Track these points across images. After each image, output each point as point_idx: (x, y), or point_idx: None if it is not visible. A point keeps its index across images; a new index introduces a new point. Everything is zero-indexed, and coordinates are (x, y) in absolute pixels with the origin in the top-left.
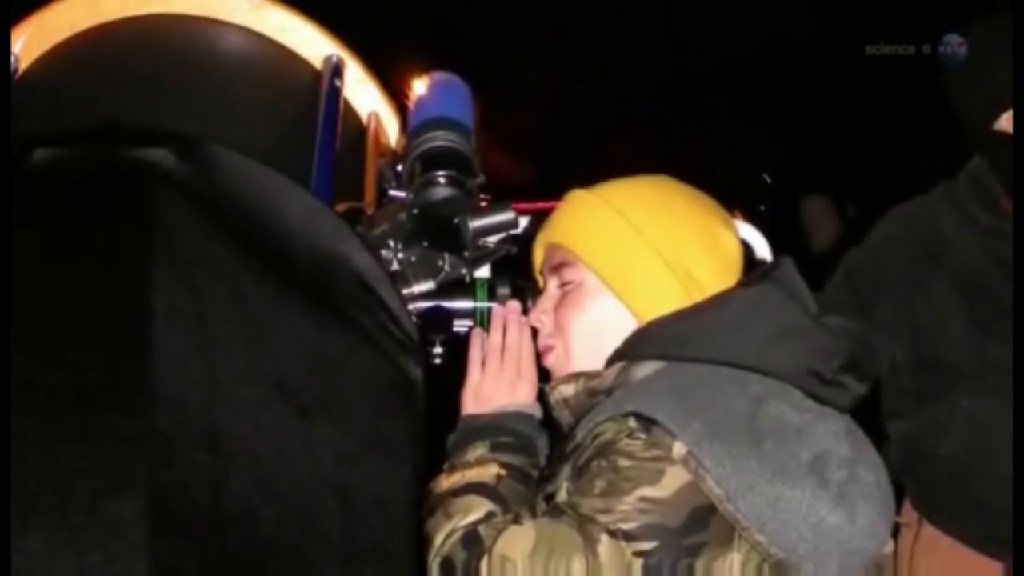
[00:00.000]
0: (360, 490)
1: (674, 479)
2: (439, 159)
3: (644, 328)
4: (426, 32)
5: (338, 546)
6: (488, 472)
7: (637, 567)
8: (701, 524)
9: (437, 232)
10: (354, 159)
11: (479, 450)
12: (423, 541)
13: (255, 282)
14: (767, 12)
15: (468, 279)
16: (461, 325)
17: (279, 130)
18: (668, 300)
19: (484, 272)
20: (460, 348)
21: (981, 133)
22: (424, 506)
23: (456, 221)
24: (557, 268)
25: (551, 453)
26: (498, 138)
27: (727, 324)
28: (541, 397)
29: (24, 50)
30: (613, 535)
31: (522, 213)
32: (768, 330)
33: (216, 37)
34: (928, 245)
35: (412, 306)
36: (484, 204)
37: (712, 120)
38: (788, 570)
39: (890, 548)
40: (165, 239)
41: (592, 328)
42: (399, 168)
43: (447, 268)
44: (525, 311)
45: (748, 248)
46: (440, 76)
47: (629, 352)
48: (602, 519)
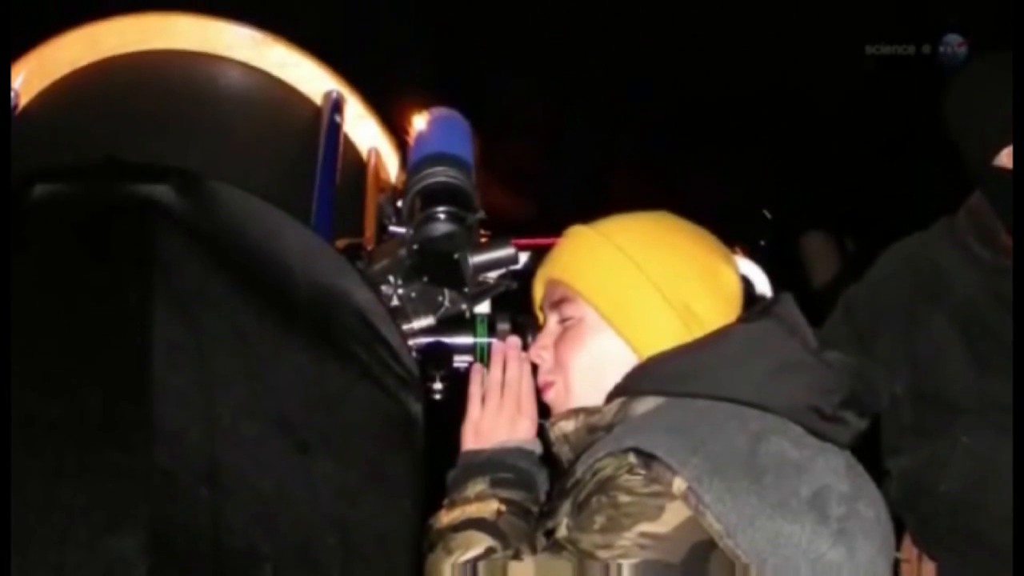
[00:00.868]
0: (360, 526)
1: (674, 515)
2: (439, 195)
3: (644, 364)
4: (426, 68)
5: None
6: (488, 508)
7: None
8: (701, 560)
9: (437, 268)
10: (354, 195)
11: (479, 486)
12: None
13: (255, 318)
14: (766, 48)
15: (468, 315)
16: (461, 361)
17: (279, 166)
18: (668, 336)
19: (484, 308)
20: (460, 384)
21: (981, 169)
22: (424, 542)
23: (456, 257)
24: (557, 304)
25: (551, 489)
26: (498, 173)
27: (727, 359)
28: (541, 433)
29: (24, 86)
30: (613, 571)
31: (522, 249)
32: (768, 366)
33: (217, 73)
34: (928, 281)
35: (412, 342)
36: (484, 240)
37: (712, 156)
38: None
39: None
40: (165, 275)
41: (592, 364)
42: (399, 204)
43: (447, 304)
44: (525, 347)
45: (748, 283)
46: (440, 112)
47: (629, 388)
48: (602, 555)
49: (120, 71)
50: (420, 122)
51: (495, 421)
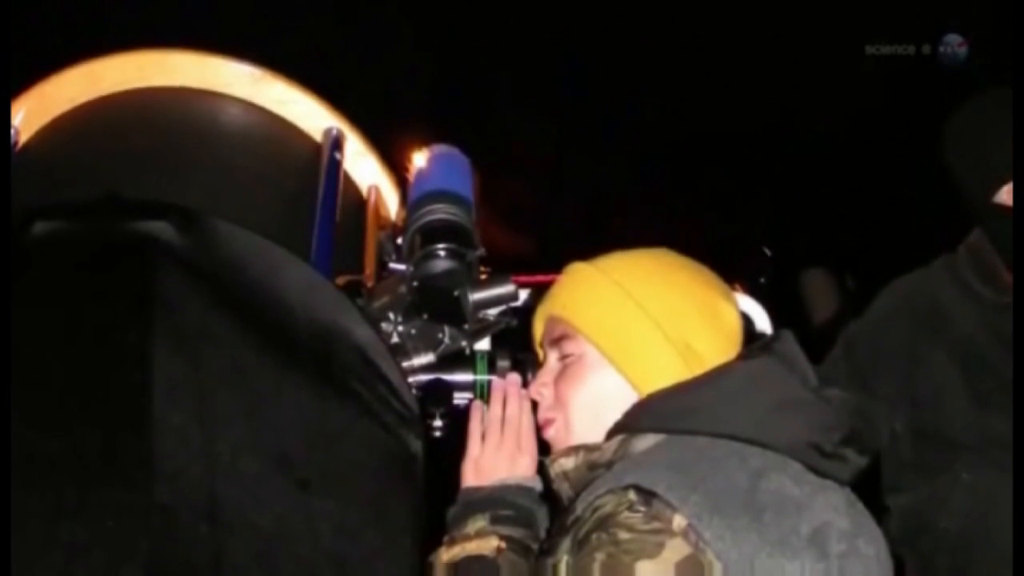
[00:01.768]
0: (360, 563)
1: (674, 552)
2: (439, 232)
3: (644, 401)
4: (426, 105)
5: None
6: (488, 545)
7: None
8: None
9: (437, 305)
10: (354, 232)
11: (479, 523)
12: None
13: (255, 355)
14: (766, 85)
15: (468, 352)
16: (461, 398)
17: (279, 203)
18: (668, 373)
19: (484, 345)
20: (460, 421)
21: (981, 206)
22: None
23: (456, 294)
24: (557, 341)
25: (551, 526)
26: (498, 210)
27: (727, 397)
28: (541, 470)
29: (24, 122)
30: None
31: (522, 286)
32: (768, 403)
33: (216, 110)
34: (928, 318)
35: (412, 379)
36: (484, 277)
37: (712, 192)
38: None
39: None
40: (165, 312)
41: (592, 401)
42: (399, 241)
43: (447, 341)
44: (525, 384)
45: (748, 321)
46: (440, 149)
47: (629, 425)
48: None
49: (120, 108)
50: (420, 159)
51: (495, 458)
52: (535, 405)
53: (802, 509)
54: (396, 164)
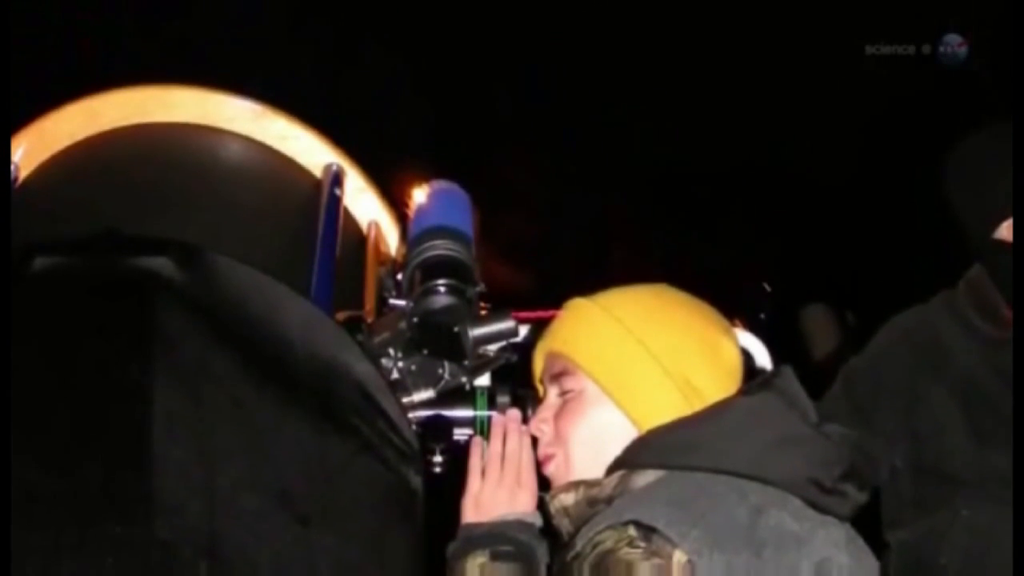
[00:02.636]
0: None
1: None
2: (439, 268)
3: (644, 436)
4: (426, 141)
5: None
6: None
7: None
8: None
9: (437, 341)
10: (354, 268)
11: (479, 559)
12: None
13: (255, 390)
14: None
15: (468, 387)
16: (461, 433)
17: (279, 239)
18: (668, 409)
19: (484, 380)
20: (460, 456)
21: (981, 241)
22: None
23: (456, 330)
24: (557, 376)
25: (551, 562)
26: (498, 246)
27: (727, 432)
28: (541, 506)
29: (24, 158)
30: None
31: (522, 321)
32: (768, 438)
33: (217, 146)
34: (928, 354)
35: (412, 414)
36: (484, 312)
37: (711, 228)
38: None
39: None
40: (165, 348)
41: (592, 436)
42: (399, 276)
43: (447, 376)
44: (525, 419)
45: (748, 356)
46: (440, 184)
47: (629, 460)
48: None
49: (120, 144)
50: (420, 195)
51: (495, 494)
52: (535, 441)
53: (802, 545)
54: (396, 200)
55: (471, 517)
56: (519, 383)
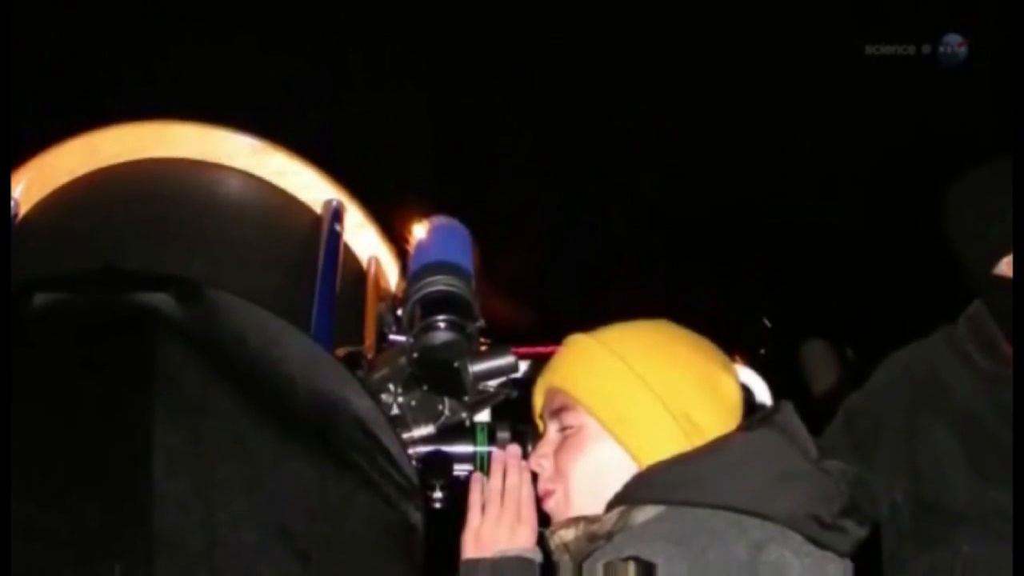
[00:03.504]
0: None
1: None
2: (439, 303)
3: (644, 472)
4: (426, 176)
5: None
6: None
7: None
8: None
9: (437, 376)
10: (354, 303)
11: None
12: None
13: (255, 426)
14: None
15: (468, 423)
16: (461, 469)
17: (279, 274)
18: (668, 444)
19: (484, 416)
20: (460, 492)
21: (981, 277)
22: None
23: (456, 365)
24: (557, 412)
25: None
26: (498, 282)
27: (727, 468)
28: (541, 541)
29: (24, 194)
30: None
31: (522, 357)
32: (768, 474)
33: (216, 181)
34: (927, 389)
35: (412, 450)
36: (484, 348)
37: (711, 263)
38: None
39: None
40: (165, 384)
41: (592, 472)
42: (399, 312)
43: (447, 412)
44: (525, 455)
45: (748, 392)
46: (440, 220)
47: (629, 496)
48: None
49: (120, 180)
50: (420, 231)
51: (495, 529)
52: (535, 476)
53: None
54: (396, 235)
55: (471, 553)
56: (519, 419)
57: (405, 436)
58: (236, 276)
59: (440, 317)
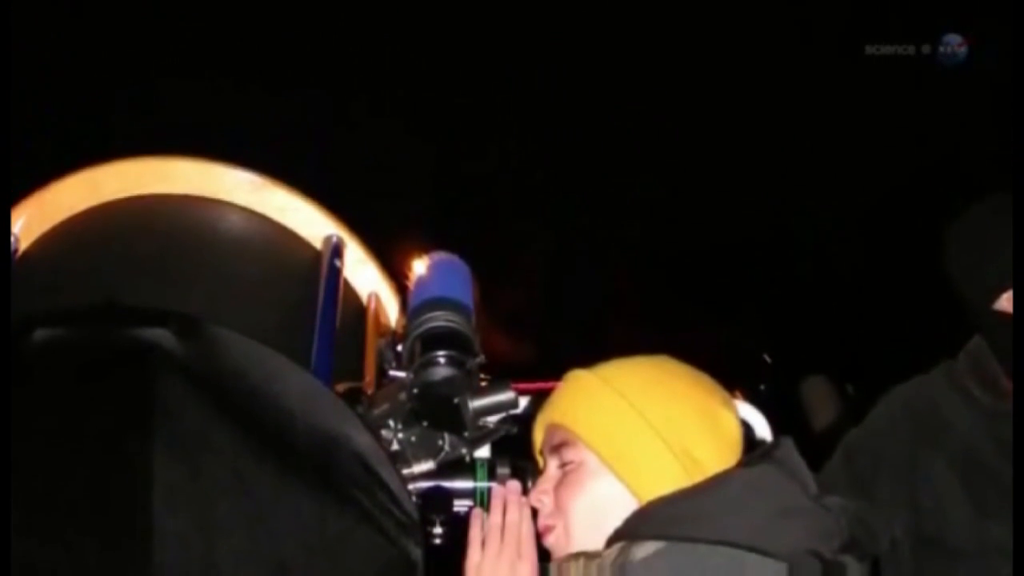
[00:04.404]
0: None
1: None
2: (439, 339)
3: (644, 508)
4: (427, 212)
5: None
6: None
7: None
8: None
9: (437, 412)
10: (354, 339)
11: None
12: None
13: (255, 463)
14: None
15: (468, 459)
16: (461, 505)
17: (279, 310)
18: (668, 480)
19: (484, 452)
20: (460, 528)
21: (981, 313)
22: None
23: (456, 401)
24: (557, 448)
25: None
26: (498, 318)
27: (727, 504)
28: None
29: (24, 230)
30: None
31: (522, 393)
32: (768, 510)
33: (217, 217)
34: (928, 425)
35: (412, 486)
36: (484, 384)
37: (711, 300)
38: None
39: None
40: (165, 420)
41: (592, 508)
42: (399, 348)
43: (447, 448)
44: (525, 491)
45: (748, 428)
46: (440, 256)
47: (629, 532)
48: None
49: (120, 215)
50: (420, 266)
51: (495, 565)
52: (535, 512)
53: None
54: (396, 271)
55: None
56: (519, 454)
57: (405, 472)
58: (236, 312)
59: (440, 353)
